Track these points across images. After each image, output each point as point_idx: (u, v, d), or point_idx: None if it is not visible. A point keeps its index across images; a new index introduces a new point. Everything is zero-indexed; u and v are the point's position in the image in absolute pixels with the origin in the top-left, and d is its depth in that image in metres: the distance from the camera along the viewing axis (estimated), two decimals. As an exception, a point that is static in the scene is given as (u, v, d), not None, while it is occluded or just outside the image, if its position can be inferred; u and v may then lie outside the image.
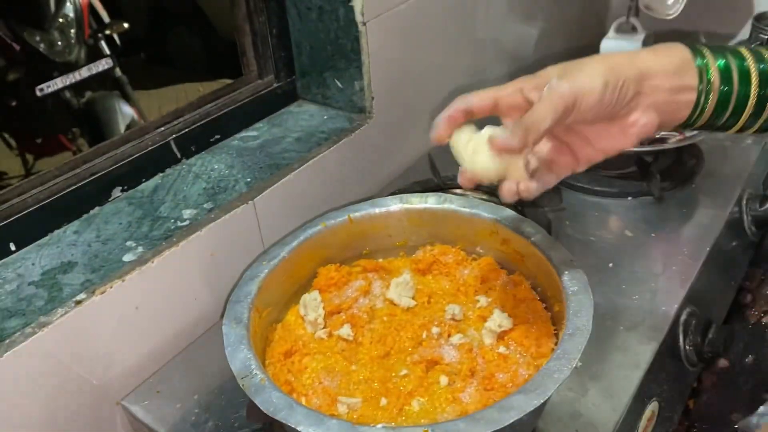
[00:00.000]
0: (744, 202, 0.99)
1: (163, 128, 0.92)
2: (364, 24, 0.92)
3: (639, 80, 0.49)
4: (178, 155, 0.91)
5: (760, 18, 1.27)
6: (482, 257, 0.76)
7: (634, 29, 1.37)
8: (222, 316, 0.66)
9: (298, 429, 0.52)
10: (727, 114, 0.51)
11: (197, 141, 0.93)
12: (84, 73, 2.43)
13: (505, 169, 0.52)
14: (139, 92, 3.21)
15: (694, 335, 0.80)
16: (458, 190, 0.96)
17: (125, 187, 0.86)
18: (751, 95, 0.50)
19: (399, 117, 1.05)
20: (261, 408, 0.54)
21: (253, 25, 0.98)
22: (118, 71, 2.57)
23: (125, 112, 2.59)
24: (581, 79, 0.48)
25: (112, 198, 0.85)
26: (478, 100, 0.52)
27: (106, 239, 0.78)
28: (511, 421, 0.51)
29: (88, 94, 2.57)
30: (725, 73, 0.50)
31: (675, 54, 0.50)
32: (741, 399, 0.85)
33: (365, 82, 0.97)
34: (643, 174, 0.98)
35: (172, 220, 0.80)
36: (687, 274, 0.84)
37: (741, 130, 0.53)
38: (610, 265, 0.87)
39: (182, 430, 0.71)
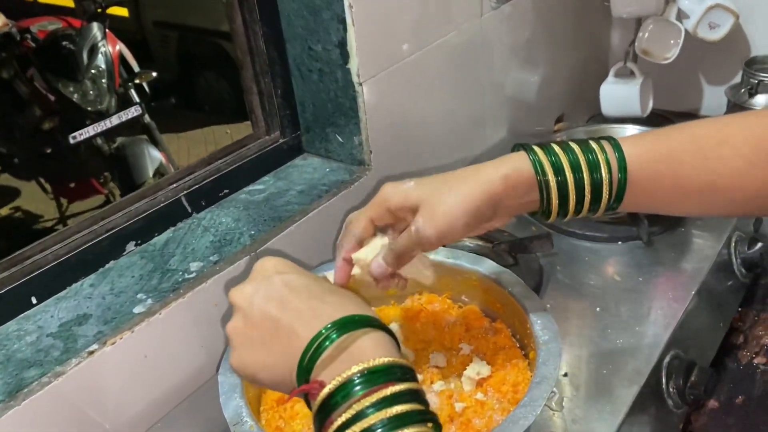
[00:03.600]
0: (733, 244, 1.02)
1: (175, 185, 0.99)
2: (360, 84, 0.98)
3: (494, 207, 0.58)
4: (189, 210, 0.98)
5: (750, 63, 1.30)
6: (467, 305, 0.81)
7: (632, 74, 1.42)
8: (217, 368, 0.71)
9: (281, 473, 0.56)
10: (572, 199, 0.58)
11: (207, 196, 1.00)
12: (114, 121, 2.52)
13: None
14: (169, 135, 3.34)
15: (677, 378, 0.83)
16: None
17: (139, 242, 0.92)
18: (585, 181, 0.57)
19: (398, 168, 1.10)
20: (249, 453, 0.59)
21: (259, 86, 1.06)
22: (146, 117, 2.67)
23: (153, 156, 2.68)
24: (444, 224, 0.57)
25: (126, 252, 0.91)
26: (361, 229, 0.61)
27: (119, 292, 0.84)
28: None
29: (119, 139, 2.67)
30: (557, 166, 0.58)
31: (524, 181, 0.58)
32: (729, 440, 0.87)
33: (363, 137, 1.03)
34: (632, 219, 1.02)
35: (180, 273, 0.87)
36: (671, 317, 0.87)
37: (590, 211, 0.60)
38: (598, 309, 0.90)
39: (186, 473, 0.76)
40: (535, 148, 0.59)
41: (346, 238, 0.61)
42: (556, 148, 0.59)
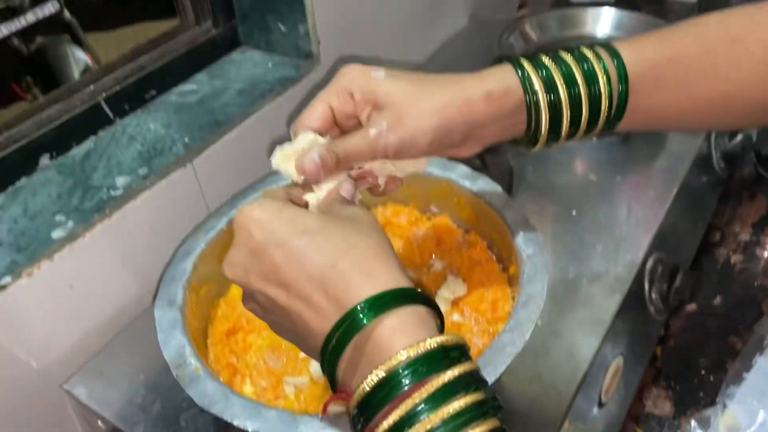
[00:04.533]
0: (713, 137, 0.95)
1: (93, 86, 0.85)
2: (304, -38, 0.84)
3: (468, 131, 0.47)
4: (111, 115, 0.85)
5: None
6: (437, 216, 0.72)
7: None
8: (154, 298, 0.61)
9: (234, 423, 0.48)
10: (566, 121, 0.49)
11: (131, 99, 0.87)
12: (29, 18, 2.26)
13: None
14: (96, 34, 3.07)
15: (660, 283, 0.78)
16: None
17: (54, 154, 0.80)
18: (582, 96, 0.48)
19: (350, 61, 0.98)
20: (196, 401, 0.51)
21: (184, -34, 0.90)
22: (67, 14, 2.42)
23: (78, 57, 2.45)
24: (408, 135, 0.46)
25: (39, 167, 0.78)
26: (318, 119, 0.49)
27: (34, 214, 0.72)
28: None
29: (38, 39, 2.43)
30: (549, 81, 0.48)
31: (510, 101, 0.47)
32: (708, 343, 0.83)
33: (309, 26, 0.90)
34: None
35: (105, 190, 0.75)
36: (653, 219, 0.81)
37: (585, 134, 0.51)
38: (574, 212, 0.83)
39: (129, 414, 0.67)
40: (523, 61, 0.48)
41: (299, 131, 0.48)
42: (546, 60, 0.49)
